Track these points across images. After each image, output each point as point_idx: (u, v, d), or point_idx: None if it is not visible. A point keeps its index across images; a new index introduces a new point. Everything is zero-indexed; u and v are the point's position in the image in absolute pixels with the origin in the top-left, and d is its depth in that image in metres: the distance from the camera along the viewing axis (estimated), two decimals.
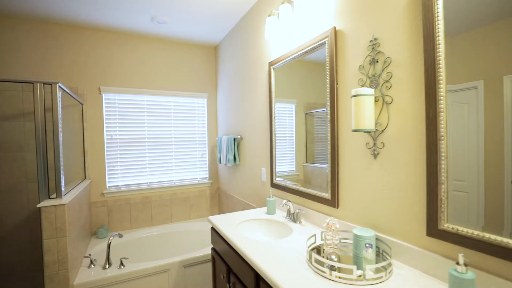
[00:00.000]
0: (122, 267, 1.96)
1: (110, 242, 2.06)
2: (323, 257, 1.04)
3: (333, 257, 1.05)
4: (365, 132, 1.20)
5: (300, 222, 1.59)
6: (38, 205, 1.61)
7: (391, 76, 1.09)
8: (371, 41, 1.17)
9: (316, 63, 1.52)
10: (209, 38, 2.92)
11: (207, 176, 3.19)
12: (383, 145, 1.13)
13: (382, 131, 1.13)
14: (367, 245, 0.99)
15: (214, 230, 1.70)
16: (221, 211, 3.15)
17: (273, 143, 1.95)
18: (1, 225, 2.35)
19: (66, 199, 1.72)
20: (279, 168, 1.92)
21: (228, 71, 2.80)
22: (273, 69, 1.92)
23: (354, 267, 0.93)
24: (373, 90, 1.09)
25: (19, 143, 2.39)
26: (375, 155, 1.17)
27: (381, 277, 0.94)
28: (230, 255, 1.42)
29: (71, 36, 2.55)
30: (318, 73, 1.51)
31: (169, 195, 2.98)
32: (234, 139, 2.49)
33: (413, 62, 1.01)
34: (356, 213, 1.29)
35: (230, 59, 2.72)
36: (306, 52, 1.57)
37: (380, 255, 1.12)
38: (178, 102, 3.01)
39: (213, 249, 1.74)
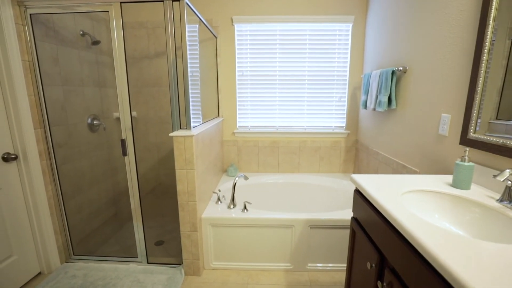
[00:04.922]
0: (245, 211, 1.82)
1: (236, 183, 1.95)
2: None
3: None
4: None
5: None
6: (170, 134, 1.58)
7: None
8: None
9: None
10: None
11: (344, 125, 2.59)
12: None
13: None
14: None
15: (359, 194, 1.18)
16: (357, 170, 2.56)
17: (482, 66, 1.10)
18: (158, 152, 2.73)
19: (194, 131, 1.62)
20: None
21: None
22: None
23: None
24: None
25: (167, 79, 2.57)
26: None
27: None
28: (388, 239, 0.89)
29: None
30: None
31: (298, 142, 2.63)
32: (393, 72, 1.73)
33: None
34: None
35: None
36: None
37: None
38: (315, 30, 2.42)
39: (354, 218, 1.24)
